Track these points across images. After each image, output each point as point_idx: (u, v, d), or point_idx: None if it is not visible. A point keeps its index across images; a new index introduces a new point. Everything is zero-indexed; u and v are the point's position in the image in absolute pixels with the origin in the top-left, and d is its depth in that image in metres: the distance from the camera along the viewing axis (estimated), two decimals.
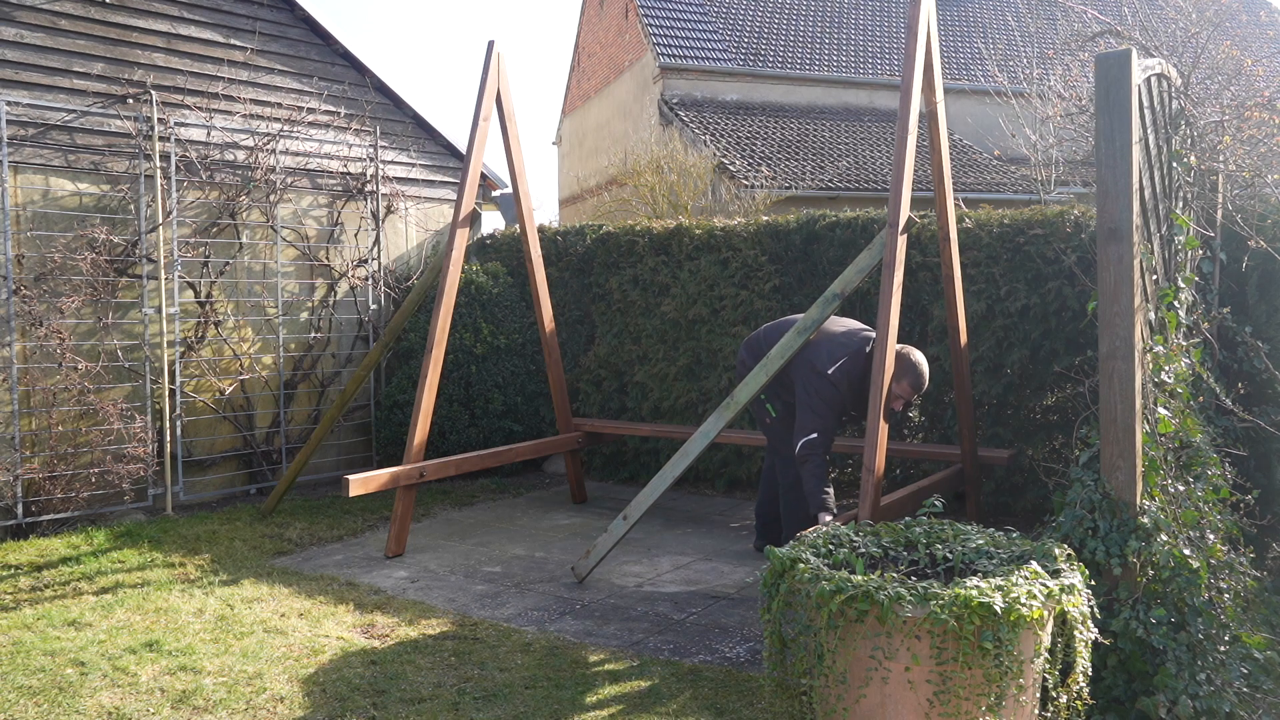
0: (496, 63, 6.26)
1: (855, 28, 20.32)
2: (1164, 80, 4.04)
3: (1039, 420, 6.23)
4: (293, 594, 5.04)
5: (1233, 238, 4.82)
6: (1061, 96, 6.96)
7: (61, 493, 6.36)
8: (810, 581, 2.94)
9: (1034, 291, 6.00)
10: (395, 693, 3.80)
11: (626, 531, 5.08)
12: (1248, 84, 5.94)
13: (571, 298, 8.29)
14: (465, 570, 5.51)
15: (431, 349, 5.89)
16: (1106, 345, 3.35)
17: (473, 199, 6.20)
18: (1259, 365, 4.54)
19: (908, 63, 4.67)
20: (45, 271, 6.44)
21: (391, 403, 7.89)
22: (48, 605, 4.88)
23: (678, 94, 17.61)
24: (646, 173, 14.01)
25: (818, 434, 4.92)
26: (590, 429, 7.18)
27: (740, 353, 5.50)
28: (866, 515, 4.20)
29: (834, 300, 4.63)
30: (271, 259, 7.71)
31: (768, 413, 5.34)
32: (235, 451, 7.56)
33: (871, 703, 2.84)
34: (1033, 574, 2.92)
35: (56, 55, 6.63)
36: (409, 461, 5.79)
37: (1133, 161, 3.32)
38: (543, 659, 4.16)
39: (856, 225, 6.88)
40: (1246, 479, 4.42)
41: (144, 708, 3.69)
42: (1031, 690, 2.86)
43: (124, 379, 6.87)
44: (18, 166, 6.43)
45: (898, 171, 4.55)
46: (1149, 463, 3.41)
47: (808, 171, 15.71)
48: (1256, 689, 3.41)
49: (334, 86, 8.12)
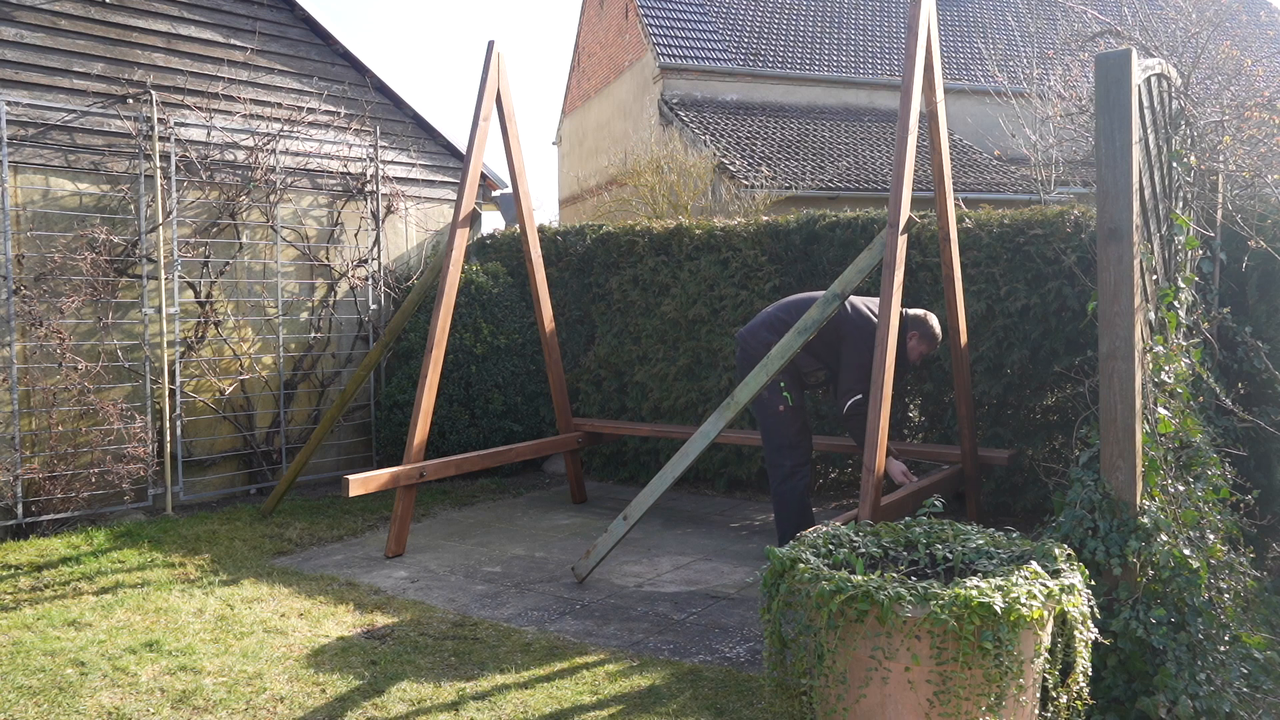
0: (496, 63, 6.26)
1: (855, 28, 20.32)
2: (1164, 80, 4.04)
3: (1039, 420, 6.23)
4: (293, 594, 5.04)
5: (1233, 238, 4.81)
6: (1061, 96, 6.96)
7: (61, 493, 6.36)
8: (810, 581, 2.94)
9: (1034, 291, 5.99)
10: (395, 693, 3.80)
11: (627, 532, 5.08)
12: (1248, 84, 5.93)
13: (571, 298, 8.29)
14: (465, 570, 5.51)
15: (431, 349, 5.89)
16: (1106, 345, 3.35)
17: (473, 199, 6.20)
18: (1259, 365, 4.54)
19: (908, 63, 4.67)
20: (45, 271, 6.44)
21: (391, 403, 7.89)
22: (48, 605, 4.88)
23: (678, 94, 17.61)
24: (646, 173, 14.01)
25: (863, 395, 5.02)
26: (590, 429, 7.18)
27: (760, 332, 5.43)
28: (866, 515, 4.20)
29: (834, 300, 4.63)
30: (271, 259, 7.71)
31: (783, 400, 5.28)
32: (235, 451, 7.56)
33: (871, 703, 2.84)
34: (1033, 574, 2.92)
35: (56, 55, 6.63)
36: (409, 461, 5.79)
37: (1133, 161, 3.32)
38: (543, 659, 4.16)
39: (856, 225, 6.88)
40: (1246, 479, 4.42)
41: (144, 708, 3.69)
42: (1031, 690, 2.86)
43: (124, 379, 6.87)
44: (18, 166, 6.43)
45: (898, 171, 4.55)
46: (1149, 463, 3.41)
47: (808, 171, 15.71)
48: (1256, 689, 3.41)
49: (334, 86, 8.12)
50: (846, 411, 5.18)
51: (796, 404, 5.31)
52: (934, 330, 5.38)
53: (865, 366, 4.99)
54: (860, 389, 5.06)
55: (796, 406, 5.31)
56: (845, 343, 5.22)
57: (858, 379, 5.08)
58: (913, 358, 5.39)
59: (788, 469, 5.29)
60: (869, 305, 5.29)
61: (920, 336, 5.35)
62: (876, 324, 4.87)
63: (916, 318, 5.37)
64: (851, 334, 5.19)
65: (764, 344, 5.27)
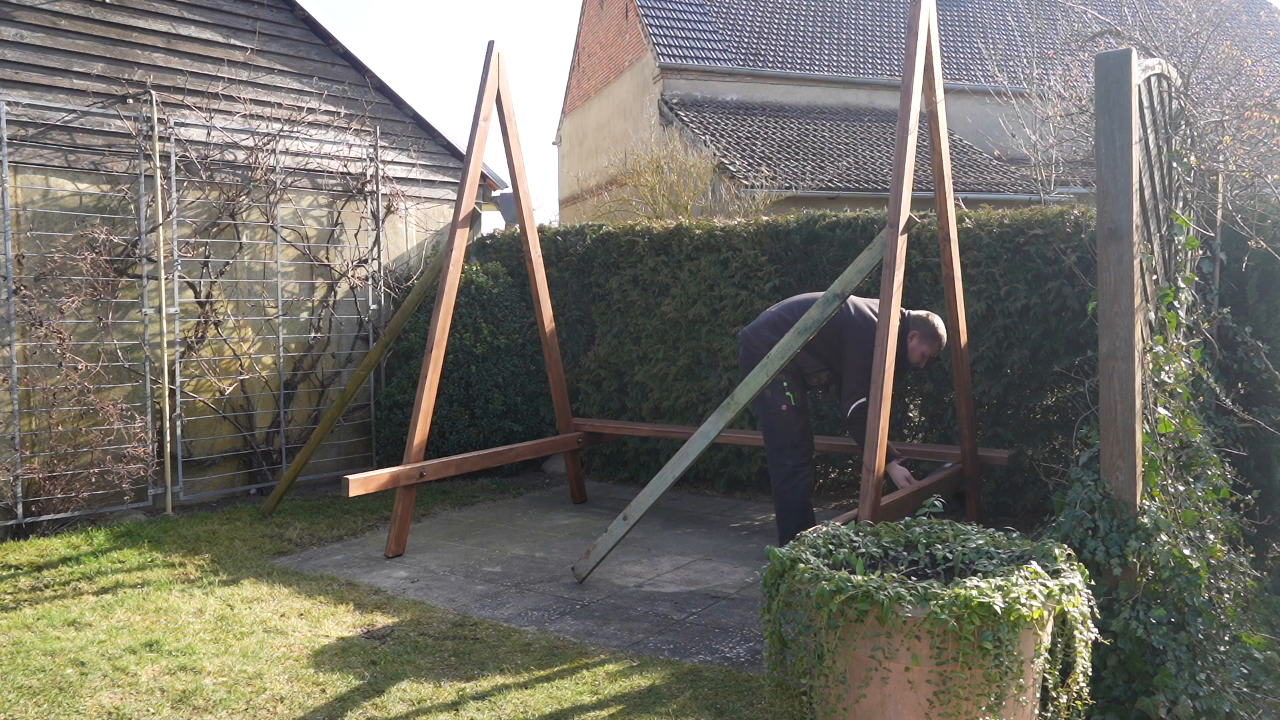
0: (496, 63, 6.26)
1: (855, 28, 20.32)
2: (1164, 80, 4.04)
3: (1039, 420, 6.23)
4: (293, 594, 5.04)
5: (1233, 238, 4.81)
6: (1061, 96, 6.96)
7: (61, 493, 6.36)
8: (810, 581, 2.94)
9: (1034, 291, 5.99)
10: (395, 693, 3.80)
11: (627, 532, 5.08)
12: (1248, 84, 5.93)
13: (571, 298, 8.29)
14: (465, 570, 5.51)
15: (431, 349, 5.89)
16: (1106, 345, 3.35)
17: (473, 199, 6.20)
18: (1259, 365, 4.54)
19: (908, 63, 4.67)
20: (45, 271, 6.44)
21: (391, 403, 7.89)
22: (48, 605, 4.88)
23: (678, 94, 17.61)
24: (646, 173, 14.01)
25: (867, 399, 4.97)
26: (590, 429, 7.18)
27: (763, 331, 5.43)
28: (866, 515, 4.20)
29: (834, 300, 4.63)
30: (271, 259, 7.71)
31: (785, 400, 5.28)
32: (235, 451, 7.56)
33: (871, 703, 2.84)
34: (1033, 574, 2.92)
35: (56, 55, 6.63)
36: (409, 461, 5.79)
37: (1133, 161, 3.32)
38: (543, 659, 4.16)
39: (856, 225, 6.88)
40: (1246, 479, 4.42)
41: (144, 708, 3.69)
42: (1031, 690, 2.86)
43: (124, 379, 6.87)
44: (18, 166, 6.43)
45: (898, 171, 4.55)
46: (1149, 463, 3.41)
47: (808, 171, 15.71)
48: (1256, 689, 3.41)
49: (334, 86, 8.12)
50: (850, 414, 5.18)
51: (799, 404, 5.31)
52: (936, 329, 5.32)
53: (869, 369, 4.98)
54: (864, 392, 5.05)
55: (799, 406, 5.31)
56: (848, 345, 5.21)
57: (861, 382, 5.08)
58: (914, 358, 5.34)
59: (790, 468, 5.30)
60: (871, 307, 5.28)
61: (922, 336, 5.30)
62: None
63: (918, 318, 5.33)
64: (854, 336, 5.19)
65: (766, 343, 5.27)
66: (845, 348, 5.23)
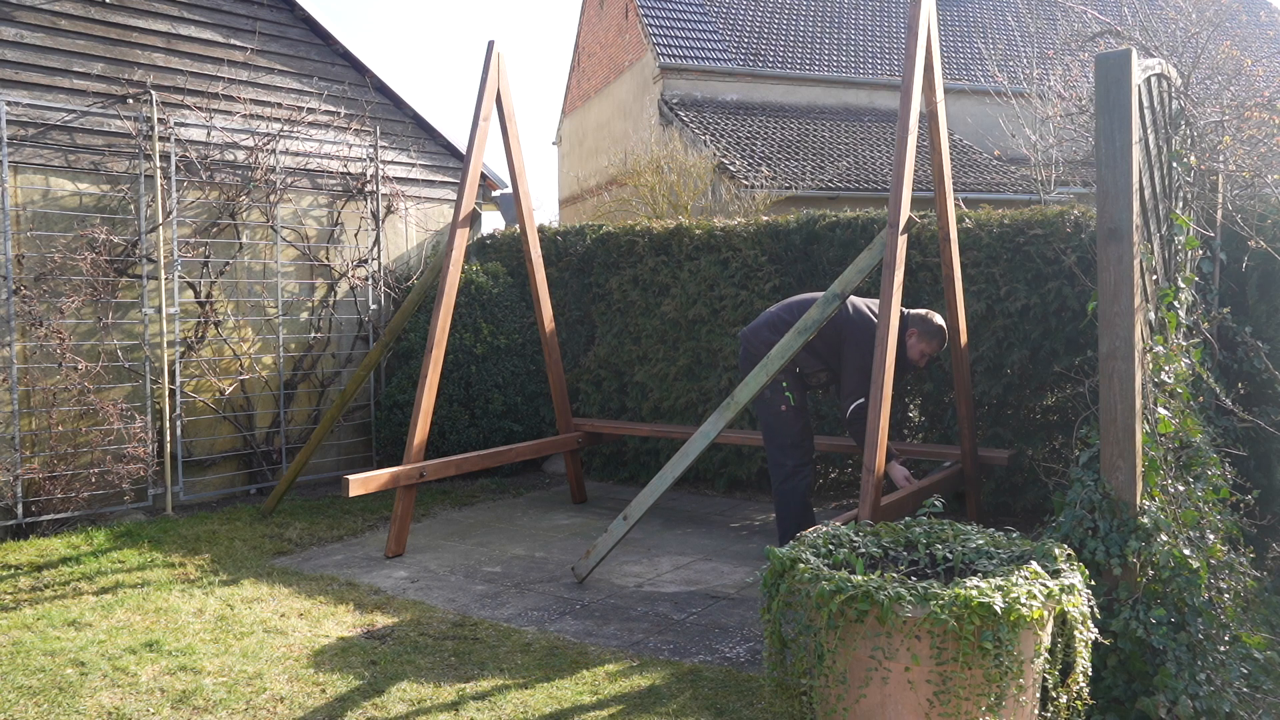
0: (496, 63, 6.26)
1: (855, 28, 20.32)
2: (1164, 80, 4.04)
3: (1039, 420, 6.23)
4: (293, 594, 5.04)
5: (1233, 238, 4.81)
6: (1061, 96, 6.96)
7: (61, 493, 6.36)
8: (810, 581, 2.94)
9: (1034, 291, 5.99)
10: (395, 693, 3.80)
11: (626, 532, 5.08)
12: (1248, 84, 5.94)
13: (571, 298, 8.29)
14: (465, 570, 5.51)
15: (431, 349, 5.89)
16: (1106, 345, 3.35)
17: (473, 199, 6.20)
18: (1259, 365, 4.54)
19: (908, 63, 4.67)
20: (45, 271, 6.44)
21: (391, 403, 7.89)
22: (48, 605, 4.88)
23: (678, 94, 17.61)
24: (646, 173, 14.01)
25: (866, 399, 4.98)
26: (590, 429, 7.18)
27: (763, 331, 5.44)
28: (866, 515, 4.20)
29: (834, 300, 4.63)
30: (271, 259, 7.71)
31: (785, 400, 5.29)
32: (235, 451, 7.56)
33: (871, 703, 2.84)
34: (1033, 574, 2.92)
35: (56, 55, 6.63)
36: (409, 461, 5.79)
37: (1133, 161, 3.32)
38: (543, 659, 4.16)
39: (856, 225, 6.88)
40: (1246, 479, 4.42)
41: (144, 708, 3.70)
42: (1031, 690, 2.86)
43: (124, 379, 6.87)
44: (18, 166, 6.43)
45: (898, 171, 4.55)
46: (1149, 463, 3.41)
47: (808, 171, 15.71)
48: (1256, 689, 3.41)
49: (334, 86, 8.12)
50: (850, 414, 5.18)
51: (799, 404, 5.31)
52: (936, 326, 5.30)
53: (868, 370, 4.98)
54: (864, 392, 5.04)
55: (799, 406, 5.31)
56: (847, 345, 5.21)
57: (861, 382, 5.07)
58: (914, 356, 5.32)
59: (790, 468, 5.30)
60: (871, 307, 5.28)
61: (921, 334, 5.28)
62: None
63: (917, 315, 5.32)
64: (854, 336, 5.19)
65: (766, 343, 5.27)
66: (845, 348, 5.23)
